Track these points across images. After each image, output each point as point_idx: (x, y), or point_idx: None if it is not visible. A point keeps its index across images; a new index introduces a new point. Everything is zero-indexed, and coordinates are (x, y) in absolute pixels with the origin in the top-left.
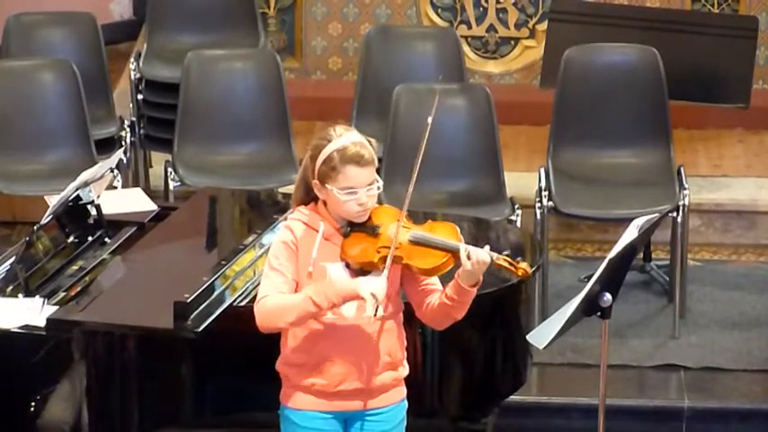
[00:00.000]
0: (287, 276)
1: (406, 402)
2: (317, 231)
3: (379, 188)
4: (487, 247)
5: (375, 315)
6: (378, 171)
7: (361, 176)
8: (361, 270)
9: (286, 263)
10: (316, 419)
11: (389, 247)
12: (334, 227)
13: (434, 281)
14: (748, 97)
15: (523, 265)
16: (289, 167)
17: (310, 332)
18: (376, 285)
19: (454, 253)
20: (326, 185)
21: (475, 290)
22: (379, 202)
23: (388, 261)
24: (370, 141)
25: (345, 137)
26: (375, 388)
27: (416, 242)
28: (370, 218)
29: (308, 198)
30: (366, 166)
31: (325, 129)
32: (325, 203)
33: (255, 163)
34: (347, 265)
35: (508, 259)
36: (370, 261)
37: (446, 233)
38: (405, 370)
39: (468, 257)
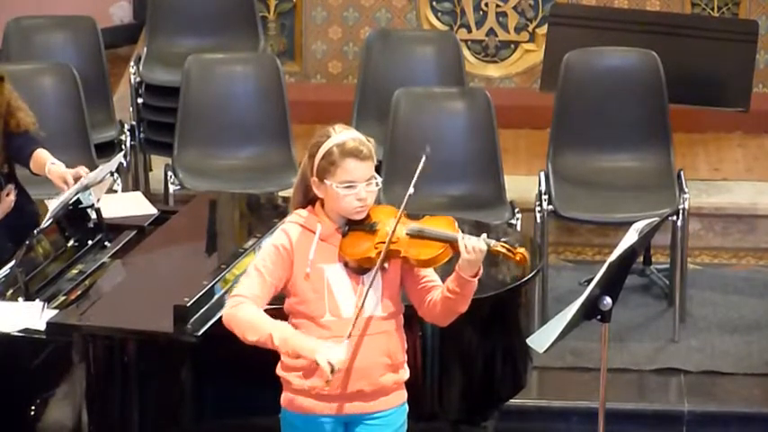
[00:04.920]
0: (266, 279)
1: (406, 406)
2: (315, 233)
3: (377, 185)
4: (484, 235)
5: (329, 382)
6: (377, 173)
7: (360, 170)
8: (360, 268)
9: (270, 266)
10: (316, 423)
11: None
12: (332, 227)
13: (434, 277)
14: (748, 101)
15: (521, 250)
16: (289, 171)
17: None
18: (335, 354)
19: (452, 243)
20: (325, 181)
21: (476, 281)
22: (379, 203)
23: (383, 254)
24: (368, 140)
25: (344, 133)
26: (375, 391)
27: (414, 235)
28: (368, 216)
29: (306, 201)
30: (365, 160)
31: (323, 129)
32: (323, 204)
33: (255, 167)
34: (345, 264)
35: (506, 245)
36: (367, 257)
37: (443, 225)
38: (405, 373)
39: (466, 246)
